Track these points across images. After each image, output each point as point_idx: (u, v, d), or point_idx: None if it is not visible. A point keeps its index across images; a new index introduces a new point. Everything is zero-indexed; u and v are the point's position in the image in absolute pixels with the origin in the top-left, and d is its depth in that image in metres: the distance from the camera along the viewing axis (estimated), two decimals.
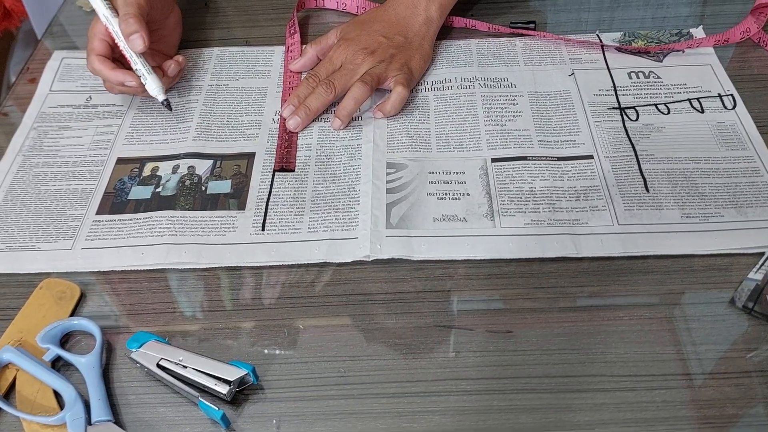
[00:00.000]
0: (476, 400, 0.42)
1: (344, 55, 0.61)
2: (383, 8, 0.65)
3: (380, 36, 0.62)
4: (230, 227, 0.52)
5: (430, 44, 0.64)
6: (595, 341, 0.45)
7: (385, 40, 0.61)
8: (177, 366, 0.43)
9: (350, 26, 0.64)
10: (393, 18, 0.63)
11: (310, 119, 0.59)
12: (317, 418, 0.42)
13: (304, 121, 0.59)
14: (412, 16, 0.63)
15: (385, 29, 0.62)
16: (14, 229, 0.53)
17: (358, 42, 0.61)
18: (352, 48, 0.61)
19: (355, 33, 0.62)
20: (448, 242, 0.51)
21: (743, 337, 0.45)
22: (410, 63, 0.61)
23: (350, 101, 0.58)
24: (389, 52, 0.61)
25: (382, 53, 0.60)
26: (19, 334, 0.46)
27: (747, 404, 0.42)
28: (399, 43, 0.62)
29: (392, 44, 0.61)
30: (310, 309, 0.48)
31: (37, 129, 0.61)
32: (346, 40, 0.62)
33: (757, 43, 0.65)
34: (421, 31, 0.63)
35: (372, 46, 0.61)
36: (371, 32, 0.62)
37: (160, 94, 0.59)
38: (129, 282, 0.50)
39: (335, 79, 0.59)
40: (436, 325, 0.46)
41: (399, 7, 0.64)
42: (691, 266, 0.49)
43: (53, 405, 0.43)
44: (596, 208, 0.52)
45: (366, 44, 0.61)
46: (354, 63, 0.60)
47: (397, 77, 0.59)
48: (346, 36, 0.63)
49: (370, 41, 0.61)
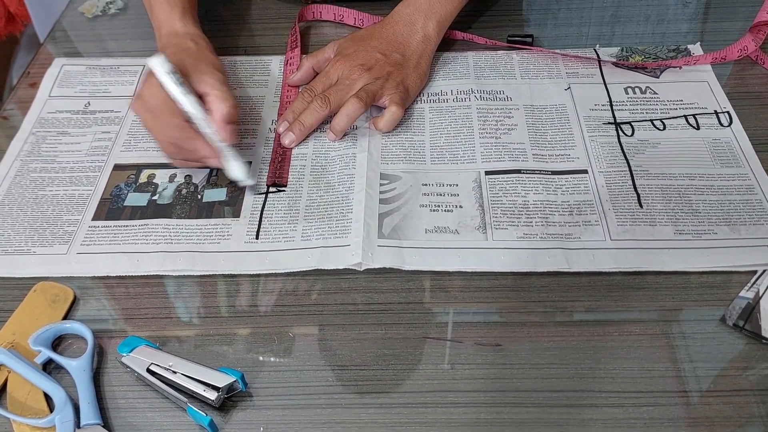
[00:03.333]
0: (463, 413, 0.42)
1: (341, 70, 0.61)
2: (381, 25, 0.65)
3: (377, 53, 0.62)
4: (225, 235, 0.53)
5: (427, 62, 0.64)
6: (585, 356, 0.45)
7: (382, 57, 0.61)
8: (167, 371, 0.43)
9: (348, 42, 0.64)
10: (391, 35, 0.63)
11: (305, 135, 0.59)
12: (304, 426, 0.42)
13: (299, 137, 0.59)
14: (409, 33, 0.63)
15: (382, 46, 0.62)
16: (10, 233, 0.53)
17: (355, 58, 0.61)
18: (348, 64, 0.61)
19: (352, 49, 0.63)
20: (439, 254, 0.51)
21: (733, 355, 0.45)
22: (406, 81, 0.61)
23: (344, 117, 0.58)
24: (386, 69, 0.61)
25: (379, 70, 0.60)
26: (12, 336, 0.47)
27: (736, 423, 0.42)
28: (396, 61, 0.62)
29: (389, 61, 0.61)
30: (300, 317, 0.48)
31: (35, 134, 0.61)
32: (343, 55, 0.62)
33: (755, 60, 0.65)
34: (419, 48, 0.63)
35: (369, 63, 0.61)
36: (369, 48, 0.62)
37: (247, 178, 0.54)
38: (122, 287, 0.50)
39: (330, 94, 0.59)
40: (425, 336, 0.46)
41: (397, 24, 0.64)
42: (683, 283, 0.49)
43: (43, 407, 0.43)
44: (589, 222, 0.52)
45: (363, 60, 0.61)
46: (350, 78, 0.60)
47: (392, 96, 0.59)
48: (344, 51, 0.63)
49: (368, 57, 0.61)
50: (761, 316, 0.46)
